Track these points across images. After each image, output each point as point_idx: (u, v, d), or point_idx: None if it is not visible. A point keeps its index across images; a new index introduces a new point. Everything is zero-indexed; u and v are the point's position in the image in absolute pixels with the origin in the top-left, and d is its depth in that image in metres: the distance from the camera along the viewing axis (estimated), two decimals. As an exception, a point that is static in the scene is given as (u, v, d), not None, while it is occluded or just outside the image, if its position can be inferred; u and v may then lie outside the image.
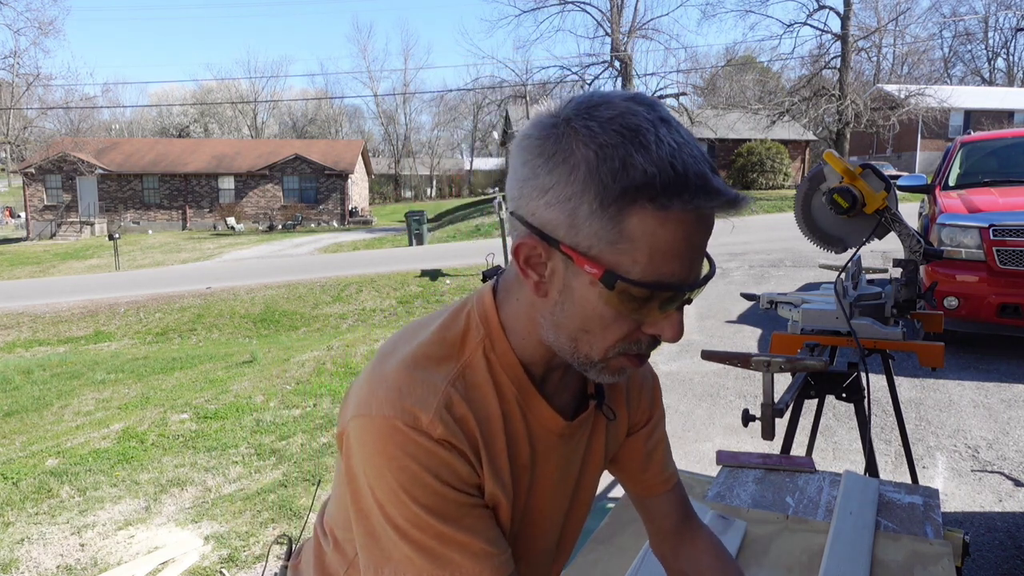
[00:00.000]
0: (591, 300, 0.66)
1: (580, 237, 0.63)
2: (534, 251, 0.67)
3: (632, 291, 0.63)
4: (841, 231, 2.26)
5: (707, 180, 0.61)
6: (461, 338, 0.76)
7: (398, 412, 0.68)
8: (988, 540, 2.75)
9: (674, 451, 3.94)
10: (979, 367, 4.87)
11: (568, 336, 0.70)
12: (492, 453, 0.74)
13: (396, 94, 52.72)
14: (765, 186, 29.50)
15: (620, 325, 0.67)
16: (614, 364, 0.71)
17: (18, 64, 27.43)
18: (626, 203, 0.60)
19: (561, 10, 25.79)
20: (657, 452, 0.99)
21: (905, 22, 28.27)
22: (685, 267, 0.64)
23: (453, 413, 0.70)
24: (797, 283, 8.37)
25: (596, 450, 0.89)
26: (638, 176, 0.60)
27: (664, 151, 0.61)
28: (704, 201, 0.61)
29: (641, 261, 0.62)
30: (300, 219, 32.26)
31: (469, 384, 0.74)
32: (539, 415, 0.78)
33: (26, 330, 12.56)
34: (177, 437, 4.85)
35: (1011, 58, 50.23)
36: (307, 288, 13.42)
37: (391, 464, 0.68)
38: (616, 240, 0.62)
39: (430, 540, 0.68)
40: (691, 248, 0.63)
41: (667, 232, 0.61)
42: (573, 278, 0.66)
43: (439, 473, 0.68)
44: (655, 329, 0.67)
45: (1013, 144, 6.33)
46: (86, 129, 37.19)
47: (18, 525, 3.58)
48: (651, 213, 0.61)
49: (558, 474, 0.83)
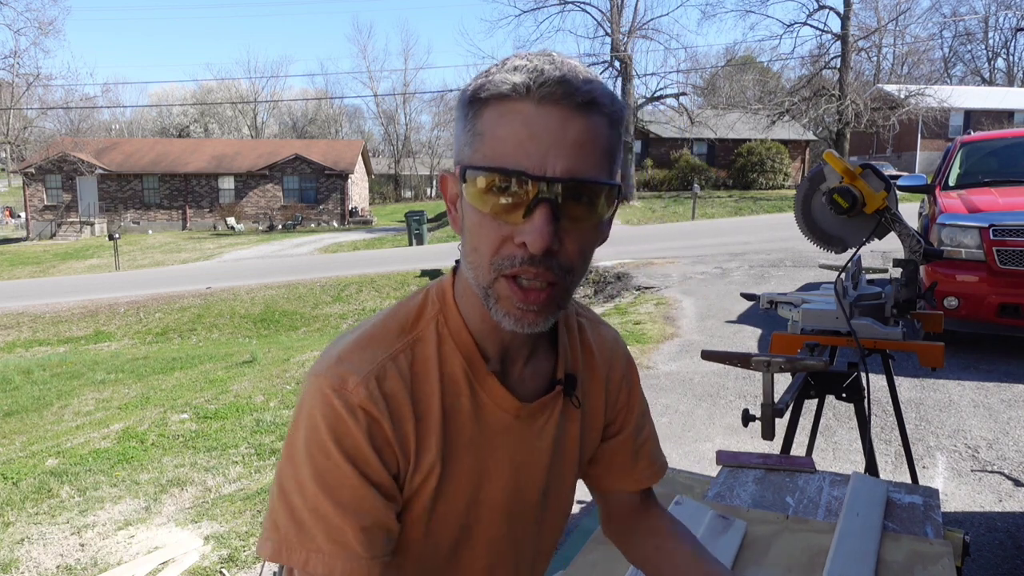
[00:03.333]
0: (469, 209, 0.68)
1: (461, 153, 0.68)
2: (452, 185, 0.72)
3: (485, 183, 0.64)
4: (841, 231, 2.25)
5: (541, 72, 0.63)
6: (416, 313, 0.78)
7: (330, 375, 0.71)
8: (988, 540, 2.75)
9: (674, 451, 3.94)
10: (979, 367, 4.87)
11: (470, 264, 0.70)
12: (425, 428, 0.73)
13: (396, 94, 52.69)
14: (765, 186, 29.51)
15: (492, 232, 0.66)
16: (500, 291, 0.68)
17: (18, 64, 27.46)
18: (477, 105, 0.66)
19: (561, 10, 25.78)
20: (647, 446, 0.97)
21: (905, 22, 28.29)
22: (530, 156, 0.63)
23: (382, 385, 0.71)
24: (797, 283, 8.37)
25: (570, 441, 0.87)
26: (484, 80, 0.66)
27: (520, 62, 0.65)
28: (531, 88, 0.63)
29: (487, 152, 0.65)
30: (300, 219, 32.25)
31: (416, 358, 0.75)
32: (491, 393, 0.77)
33: (26, 330, 12.56)
34: (177, 437, 4.85)
35: (1011, 58, 50.28)
36: (307, 288, 13.42)
37: (307, 422, 0.70)
38: (472, 140, 0.66)
39: (305, 509, 0.69)
40: (533, 137, 0.63)
41: (505, 121, 0.64)
42: (463, 196, 0.68)
43: (343, 443, 0.69)
44: (520, 236, 0.65)
45: (1013, 144, 6.33)
46: (86, 129, 37.21)
47: (18, 525, 3.58)
48: (493, 108, 0.65)
49: (520, 458, 0.81)
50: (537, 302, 0.68)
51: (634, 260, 11.36)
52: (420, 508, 0.76)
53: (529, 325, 0.69)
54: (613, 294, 9.26)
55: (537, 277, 0.66)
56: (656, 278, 9.55)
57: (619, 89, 25.68)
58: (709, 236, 14.66)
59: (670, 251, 12.47)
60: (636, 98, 25.97)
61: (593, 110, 0.64)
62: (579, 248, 0.68)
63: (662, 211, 22.87)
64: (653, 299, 8.15)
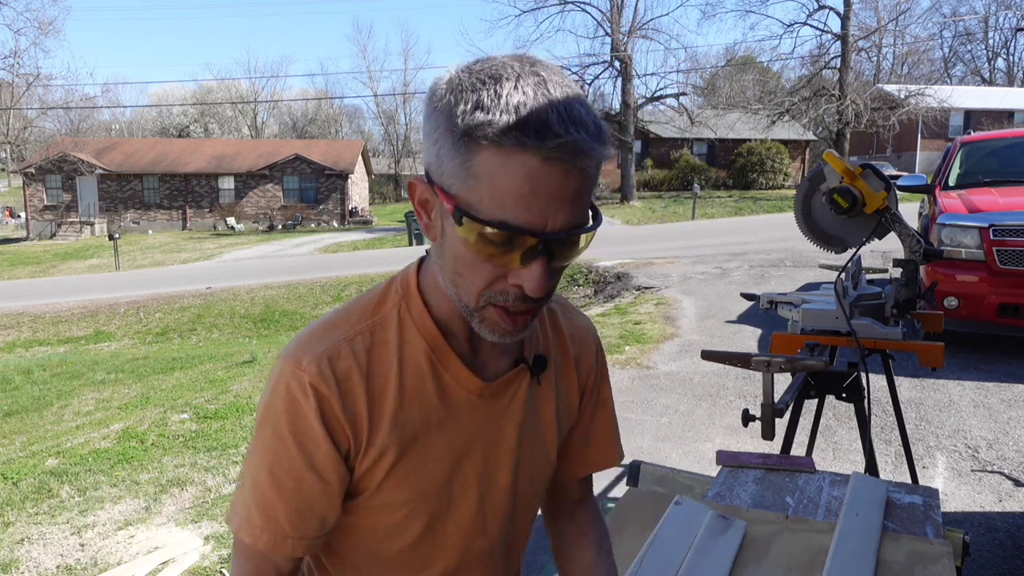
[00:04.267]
0: (456, 239, 0.67)
1: (444, 176, 0.66)
2: (424, 193, 0.71)
3: (484, 232, 0.64)
4: (841, 231, 2.25)
5: (546, 124, 0.61)
6: (378, 299, 0.80)
7: (289, 357, 0.74)
8: (988, 540, 2.75)
9: (674, 451, 3.94)
10: (979, 367, 4.87)
11: (449, 280, 0.71)
12: (379, 409, 0.75)
13: (396, 94, 52.69)
14: (765, 186, 29.53)
15: (484, 270, 0.67)
16: (488, 315, 0.70)
17: (18, 64, 27.47)
18: (471, 142, 0.63)
19: (561, 10, 25.81)
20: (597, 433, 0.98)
21: (905, 22, 28.31)
22: (532, 212, 0.63)
23: (335, 365, 0.74)
24: (797, 283, 8.37)
25: (544, 421, 0.89)
26: (480, 116, 0.62)
27: (516, 97, 0.62)
28: (539, 142, 0.61)
29: (485, 199, 0.63)
30: (300, 219, 32.25)
31: (375, 342, 0.77)
32: (454, 374, 0.79)
33: (26, 330, 12.56)
34: (177, 437, 4.85)
35: (1011, 58, 50.30)
36: (307, 288, 13.42)
37: (265, 400, 0.75)
38: (465, 177, 0.64)
39: (248, 480, 0.76)
40: (537, 192, 0.62)
41: (508, 173, 0.62)
42: (445, 217, 0.68)
43: (293, 421, 0.73)
44: (517, 280, 0.67)
45: (1013, 144, 6.33)
46: (86, 129, 37.19)
47: (18, 525, 3.58)
48: (493, 153, 0.62)
49: (487, 437, 0.83)
50: (523, 324, 0.72)
51: (634, 260, 11.36)
52: (374, 486, 0.78)
53: (510, 338, 0.73)
54: (613, 294, 9.26)
55: (526, 309, 0.70)
56: (656, 278, 9.56)
57: (619, 89, 25.72)
58: (709, 236, 14.66)
59: (670, 251, 12.47)
60: (636, 98, 25.97)
61: (594, 164, 0.65)
62: (559, 276, 0.72)
63: (662, 211, 22.87)
64: (653, 299, 8.15)
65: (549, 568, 1.47)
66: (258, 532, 0.74)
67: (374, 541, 0.82)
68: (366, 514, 0.80)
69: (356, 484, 0.78)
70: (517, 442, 0.85)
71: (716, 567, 1.35)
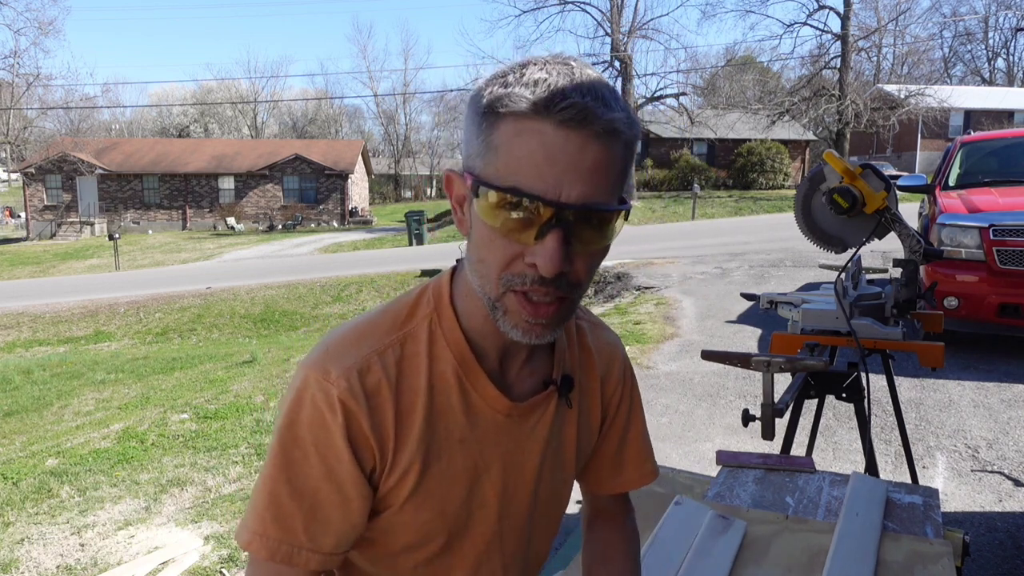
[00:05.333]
0: (478, 220, 0.67)
1: (470, 158, 0.67)
2: (459, 187, 0.71)
3: (498, 202, 0.63)
4: (841, 231, 2.25)
5: (562, 91, 0.62)
6: (409, 310, 0.78)
7: (316, 366, 0.72)
8: (988, 540, 2.75)
9: (674, 451, 3.94)
10: (979, 367, 4.87)
11: (475, 270, 0.70)
12: (406, 424, 0.74)
13: (396, 94, 52.65)
14: (765, 186, 29.51)
15: (502, 247, 0.66)
16: (510, 305, 0.68)
17: (18, 64, 27.46)
18: (492, 115, 0.64)
19: (561, 10, 25.80)
20: (631, 451, 0.96)
21: (905, 22, 28.30)
22: (546, 181, 0.62)
23: (364, 379, 0.72)
24: (797, 283, 8.37)
25: (566, 442, 0.87)
26: (502, 92, 0.63)
27: (538, 75, 0.63)
28: (551, 106, 0.61)
29: (501, 168, 0.64)
30: (300, 219, 32.24)
31: (405, 354, 0.75)
32: (482, 392, 0.77)
33: (26, 330, 12.56)
34: (177, 437, 4.85)
35: (1011, 58, 50.25)
36: (307, 288, 13.42)
37: (287, 410, 0.72)
38: (486, 152, 0.65)
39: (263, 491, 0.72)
40: (551, 161, 0.62)
41: (523, 141, 0.62)
42: (471, 203, 0.68)
43: (316, 435, 0.70)
44: (532, 257, 0.65)
45: (1013, 144, 6.33)
46: (86, 129, 37.18)
47: (18, 525, 3.58)
48: (510, 123, 0.63)
49: (511, 458, 0.81)
50: (546, 316, 0.69)
51: (634, 260, 11.36)
52: (399, 503, 0.76)
53: (537, 337, 0.70)
54: (613, 294, 9.26)
55: (547, 295, 0.67)
56: (656, 278, 9.55)
57: (619, 89, 25.67)
58: (709, 236, 14.65)
59: (670, 251, 12.47)
60: (636, 98, 25.98)
61: (612, 137, 0.64)
62: (587, 267, 0.69)
63: (662, 211, 22.86)
64: (653, 299, 8.15)
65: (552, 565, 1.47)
66: (275, 545, 0.71)
67: (390, 557, 0.81)
68: (386, 530, 0.78)
69: (380, 502, 0.76)
70: (540, 464, 0.84)
71: (716, 567, 1.35)
